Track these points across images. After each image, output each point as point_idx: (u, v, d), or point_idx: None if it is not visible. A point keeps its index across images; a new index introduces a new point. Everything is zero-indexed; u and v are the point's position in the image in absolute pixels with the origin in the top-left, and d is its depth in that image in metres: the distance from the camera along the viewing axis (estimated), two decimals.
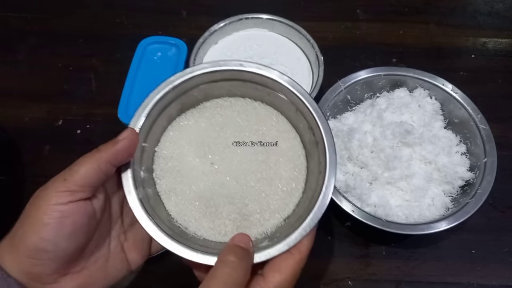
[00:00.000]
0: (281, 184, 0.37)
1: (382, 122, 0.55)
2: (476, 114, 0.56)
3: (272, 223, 0.36)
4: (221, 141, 0.38)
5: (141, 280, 0.54)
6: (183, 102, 0.38)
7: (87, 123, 0.66)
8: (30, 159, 0.63)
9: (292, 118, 0.39)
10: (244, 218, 0.36)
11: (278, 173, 0.37)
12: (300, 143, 0.38)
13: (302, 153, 0.38)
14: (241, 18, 0.65)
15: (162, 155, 0.37)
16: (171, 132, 0.38)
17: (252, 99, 0.40)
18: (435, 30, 0.77)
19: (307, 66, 0.63)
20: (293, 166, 0.37)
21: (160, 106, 0.36)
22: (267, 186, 0.37)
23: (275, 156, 0.38)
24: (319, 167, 0.35)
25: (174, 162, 0.37)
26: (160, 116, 0.37)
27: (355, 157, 0.54)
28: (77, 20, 0.76)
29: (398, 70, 0.60)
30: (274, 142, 0.38)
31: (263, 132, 0.38)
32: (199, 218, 0.36)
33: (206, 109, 0.39)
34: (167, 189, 0.37)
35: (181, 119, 0.39)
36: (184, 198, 0.36)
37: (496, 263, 0.56)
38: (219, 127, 0.38)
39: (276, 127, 0.39)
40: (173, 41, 0.63)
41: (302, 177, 0.38)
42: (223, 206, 0.36)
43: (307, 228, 0.32)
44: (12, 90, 0.69)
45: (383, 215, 0.51)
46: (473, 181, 0.53)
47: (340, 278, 0.55)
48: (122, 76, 0.60)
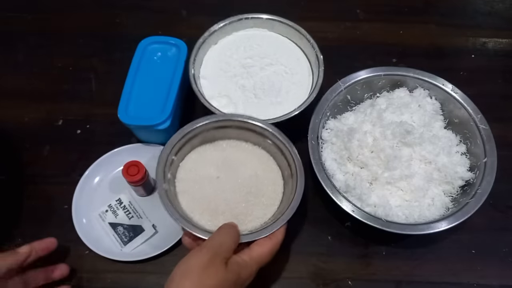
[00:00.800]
0: (264, 199, 0.53)
1: (382, 122, 0.55)
2: (476, 114, 0.56)
3: (253, 225, 0.51)
4: (226, 164, 0.55)
5: (141, 282, 0.54)
6: (204, 137, 0.56)
7: (87, 123, 0.66)
8: (30, 159, 0.63)
9: (277, 158, 0.56)
10: (234, 217, 0.51)
11: (262, 191, 0.53)
12: (280, 176, 0.56)
13: (281, 182, 0.55)
14: (241, 18, 0.65)
15: (184, 168, 0.55)
16: (193, 155, 0.56)
17: (252, 143, 0.57)
18: (435, 30, 0.77)
19: (307, 66, 0.63)
20: (273, 189, 0.54)
21: (187, 138, 0.54)
22: (253, 198, 0.53)
23: (262, 180, 0.54)
24: (291, 191, 0.51)
25: (191, 173, 0.54)
26: (186, 144, 0.54)
27: (355, 157, 0.54)
28: (77, 20, 0.76)
29: (398, 70, 0.60)
30: (262, 173, 0.55)
31: (256, 166, 0.55)
32: (202, 213, 0.51)
33: (219, 145, 0.57)
34: (182, 190, 0.53)
35: (201, 148, 0.56)
36: (194, 197, 0.52)
37: (496, 263, 0.56)
38: (227, 157, 0.56)
39: (266, 164, 0.56)
40: (173, 41, 0.63)
41: (279, 197, 0.54)
42: (220, 206, 0.51)
43: (279, 224, 0.48)
44: (12, 90, 0.69)
45: (383, 215, 0.51)
46: (473, 181, 0.53)
47: (340, 278, 0.55)
48: (122, 76, 0.60)
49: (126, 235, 0.56)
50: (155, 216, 0.58)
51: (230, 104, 0.60)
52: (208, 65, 0.63)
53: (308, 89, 0.60)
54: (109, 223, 0.57)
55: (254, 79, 0.62)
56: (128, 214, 0.58)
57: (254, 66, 0.63)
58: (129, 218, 0.57)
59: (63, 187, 0.58)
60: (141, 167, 0.55)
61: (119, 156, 0.60)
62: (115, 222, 0.57)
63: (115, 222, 0.57)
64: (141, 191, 0.58)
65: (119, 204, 0.58)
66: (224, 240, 0.44)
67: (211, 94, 0.60)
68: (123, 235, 0.56)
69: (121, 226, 0.57)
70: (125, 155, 0.60)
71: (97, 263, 0.55)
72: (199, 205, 0.51)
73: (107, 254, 0.54)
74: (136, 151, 0.61)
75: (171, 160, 0.52)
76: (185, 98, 0.66)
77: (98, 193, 0.59)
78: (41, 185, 0.60)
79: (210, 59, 0.64)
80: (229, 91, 0.61)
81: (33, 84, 0.69)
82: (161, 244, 0.55)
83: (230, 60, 0.63)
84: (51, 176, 0.61)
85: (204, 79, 0.62)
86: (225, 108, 0.59)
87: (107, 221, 0.57)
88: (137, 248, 0.56)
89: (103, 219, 0.57)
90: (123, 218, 0.57)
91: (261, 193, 0.53)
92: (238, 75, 0.62)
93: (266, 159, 0.56)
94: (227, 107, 0.59)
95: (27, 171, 0.62)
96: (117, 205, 0.58)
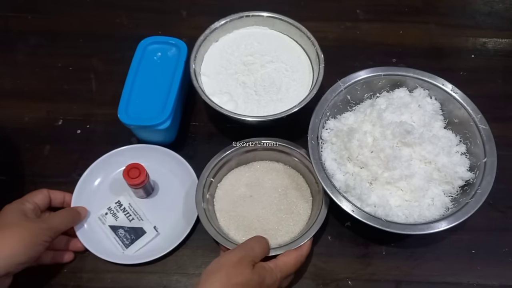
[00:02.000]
0: (294, 215, 0.57)
1: (382, 122, 0.55)
2: (476, 114, 0.56)
3: (283, 239, 0.55)
4: (259, 184, 0.59)
5: (141, 281, 0.54)
6: (238, 160, 0.60)
7: (87, 123, 0.66)
8: (30, 159, 0.63)
9: (306, 176, 0.60)
10: (265, 232, 0.55)
11: (291, 208, 0.57)
12: (309, 193, 0.59)
13: (310, 199, 0.59)
14: (242, 16, 0.65)
15: (221, 188, 0.59)
16: (229, 176, 0.60)
17: (283, 163, 0.61)
18: (435, 30, 0.77)
19: (308, 64, 0.63)
20: (302, 206, 0.58)
21: (223, 162, 0.58)
22: (284, 214, 0.57)
23: (292, 198, 0.58)
24: (318, 206, 0.54)
25: (228, 193, 0.59)
26: (223, 167, 0.58)
27: (355, 157, 0.54)
28: (77, 20, 0.76)
29: (398, 70, 0.60)
30: (292, 191, 0.59)
31: (287, 185, 0.59)
32: (237, 229, 0.56)
33: (253, 166, 0.61)
34: (220, 208, 0.57)
35: (236, 170, 0.61)
36: (230, 215, 0.57)
37: (496, 263, 0.56)
38: (260, 177, 0.60)
39: (296, 182, 0.60)
40: (173, 41, 0.63)
41: (307, 213, 0.57)
42: (253, 223, 0.56)
43: (305, 239, 0.51)
44: (12, 90, 0.69)
45: (383, 215, 0.51)
46: (473, 181, 0.53)
47: (340, 278, 0.55)
48: (122, 76, 0.60)
49: (127, 238, 0.56)
50: (156, 217, 0.58)
51: (231, 101, 0.60)
52: (209, 62, 0.64)
53: (309, 87, 0.60)
54: (109, 226, 0.57)
55: (254, 76, 0.62)
56: (129, 216, 0.57)
57: (254, 64, 0.63)
58: (129, 221, 0.57)
59: (63, 187, 0.58)
60: (142, 170, 0.55)
61: (120, 156, 0.60)
62: (115, 224, 0.57)
63: (116, 225, 0.57)
64: (141, 193, 0.58)
65: (119, 206, 0.58)
66: (255, 245, 0.47)
67: (212, 91, 0.61)
68: (125, 238, 0.56)
69: (122, 229, 0.56)
70: (126, 156, 0.60)
71: (98, 263, 0.55)
72: (235, 222, 0.56)
73: (109, 257, 0.54)
74: (137, 152, 0.61)
75: (210, 182, 0.57)
76: (185, 98, 0.66)
77: (97, 195, 0.59)
78: (41, 185, 0.59)
79: (211, 56, 0.64)
80: (230, 88, 0.61)
81: (33, 84, 0.69)
82: (164, 245, 0.55)
83: (231, 58, 0.64)
84: (51, 176, 0.61)
85: (205, 76, 0.62)
86: (226, 104, 0.59)
87: (107, 223, 0.57)
88: (139, 250, 0.55)
89: (103, 222, 0.57)
90: (123, 221, 0.57)
91: (291, 210, 0.57)
92: (238, 72, 0.62)
93: (296, 178, 0.60)
94: (228, 104, 0.59)
95: (27, 171, 0.62)
96: (117, 207, 0.58)
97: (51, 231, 0.49)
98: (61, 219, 0.52)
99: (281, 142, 0.58)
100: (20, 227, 0.47)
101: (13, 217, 0.48)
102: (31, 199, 0.52)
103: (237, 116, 0.57)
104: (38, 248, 0.47)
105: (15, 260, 0.45)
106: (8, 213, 0.49)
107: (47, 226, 0.49)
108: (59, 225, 0.51)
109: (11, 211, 0.49)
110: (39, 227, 0.48)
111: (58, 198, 0.56)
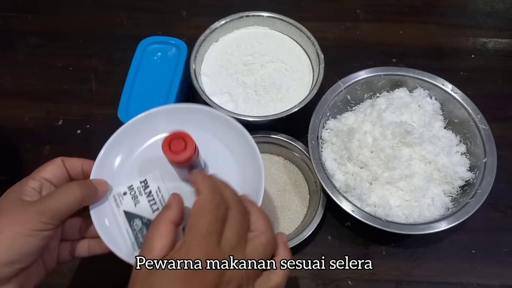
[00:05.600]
0: (290, 213, 0.57)
1: (382, 122, 0.55)
2: (476, 114, 0.56)
3: None
4: None
5: None
6: None
7: (87, 123, 0.66)
8: (30, 159, 0.63)
9: (305, 174, 0.59)
10: None
11: (288, 206, 0.57)
12: (307, 191, 0.59)
13: (307, 197, 0.58)
14: (242, 15, 0.65)
15: None
16: None
17: (283, 158, 0.61)
18: (435, 30, 0.77)
19: (308, 64, 0.63)
20: (299, 203, 0.58)
21: None
22: (280, 212, 0.57)
23: (289, 195, 0.58)
24: (315, 206, 0.54)
25: None
26: None
27: (355, 157, 0.54)
28: (77, 20, 0.76)
29: (398, 70, 0.60)
30: (291, 187, 0.59)
31: (285, 181, 0.59)
32: None
33: None
34: None
35: None
36: None
37: (496, 263, 0.56)
38: None
39: (295, 178, 0.60)
40: (173, 41, 0.63)
41: (303, 211, 0.57)
42: None
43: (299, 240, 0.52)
44: (12, 90, 0.69)
45: (383, 215, 0.51)
46: (473, 181, 0.53)
47: (340, 278, 0.55)
48: (122, 76, 0.60)
49: (143, 234, 0.40)
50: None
51: (231, 101, 0.60)
52: (209, 62, 0.64)
53: (309, 87, 0.60)
54: (124, 211, 0.41)
55: (254, 76, 0.62)
56: (153, 204, 0.41)
57: (254, 64, 0.63)
58: (152, 211, 0.41)
59: None
60: (189, 141, 0.38)
61: (156, 120, 0.45)
62: (132, 211, 0.41)
63: (133, 212, 0.41)
64: (186, 174, 0.41)
65: (144, 187, 0.42)
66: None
67: (212, 91, 0.61)
68: (140, 233, 0.40)
69: (139, 220, 0.41)
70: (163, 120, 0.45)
71: (101, 261, 0.54)
72: None
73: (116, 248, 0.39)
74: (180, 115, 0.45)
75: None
76: (185, 98, 0.66)
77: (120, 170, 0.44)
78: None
79: (211, 56, 0.64)
80: (230, 88, 0.61)
81: (33, 84, 0.69)
82: None
83: (231, 58, 0.64)
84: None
85: (205, 76, 0.62)
86: (226, 104, 0.59)
87: (123, 207, 0.41)
88: None
89: (117, 204, 0.41)
90: (144, 209, 0.41)
91: (287, 207, 0.57)
92: (239, 72, 0.62)
93: (295, 174, 0.60)
94: (228, 104, 0.59)
95: (27, 171, 0.62)
96: (141, 188, 0.42)
97: (44, 215, 0.35)
98: (59, 198, 0.37)
99: (282, 137, 0.58)
100: (2, 216, 0.35)
101: (7, 204, 0.36)
102: (38, 175, 0.40)
103: (237, 116, 0.56)
104: (28, 240, 0.35)
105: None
106: (4, 199, 0.37)
107: (36, 209, 0.35)
108: (58, 206, 0.36)
109: (8, 194, 0.38)
110: (26, 212, 0.35)
111: (75, 167, 0.42)
